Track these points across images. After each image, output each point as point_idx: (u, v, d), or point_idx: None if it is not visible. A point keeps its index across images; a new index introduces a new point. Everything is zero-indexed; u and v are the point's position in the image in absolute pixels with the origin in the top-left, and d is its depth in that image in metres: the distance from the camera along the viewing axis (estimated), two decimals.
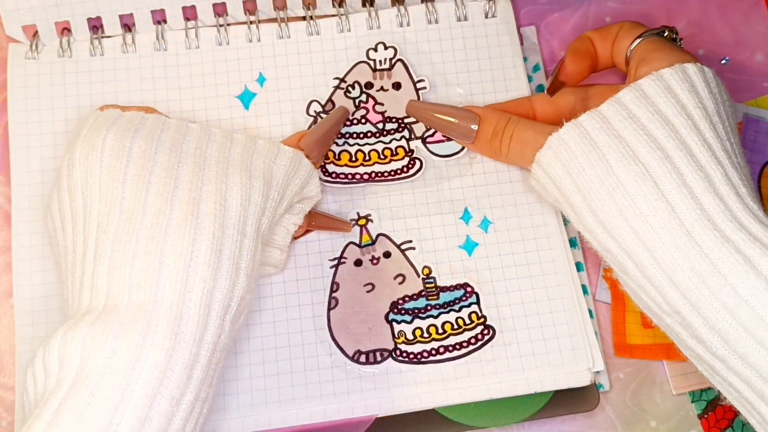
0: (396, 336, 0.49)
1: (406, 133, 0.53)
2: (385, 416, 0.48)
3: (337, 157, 0.52)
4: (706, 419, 0.50)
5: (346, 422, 0.48)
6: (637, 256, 0.41)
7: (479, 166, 0.52)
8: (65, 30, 0.53)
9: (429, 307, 0.49)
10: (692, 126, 0.42)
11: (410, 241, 0.51)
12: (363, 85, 0.54)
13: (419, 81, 0.54)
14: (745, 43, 0.57)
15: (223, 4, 0.54)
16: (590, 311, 0.50)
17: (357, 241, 0.51)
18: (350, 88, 0.54)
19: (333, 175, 0.52)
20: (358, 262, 0.50)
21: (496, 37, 0.55)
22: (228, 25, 0.54)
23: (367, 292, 0.50)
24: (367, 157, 0.52)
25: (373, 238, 0.51)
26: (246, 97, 0.53)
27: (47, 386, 0.37)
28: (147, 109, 0.47)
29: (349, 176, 0.52)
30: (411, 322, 0.49)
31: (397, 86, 0.54)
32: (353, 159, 0.52)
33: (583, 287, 0.51)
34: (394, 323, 0.49)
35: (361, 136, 0.53)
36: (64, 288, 0.42)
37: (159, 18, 0.54)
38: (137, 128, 0.43)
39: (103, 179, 0.41)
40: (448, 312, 0.49)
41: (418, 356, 0.48)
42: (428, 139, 0.53)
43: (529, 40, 0.56)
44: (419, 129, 0.53)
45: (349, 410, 0.47)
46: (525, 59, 0.55)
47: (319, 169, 0.51)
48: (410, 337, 0.49)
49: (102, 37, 0.53)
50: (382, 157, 0.52)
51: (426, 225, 0.51)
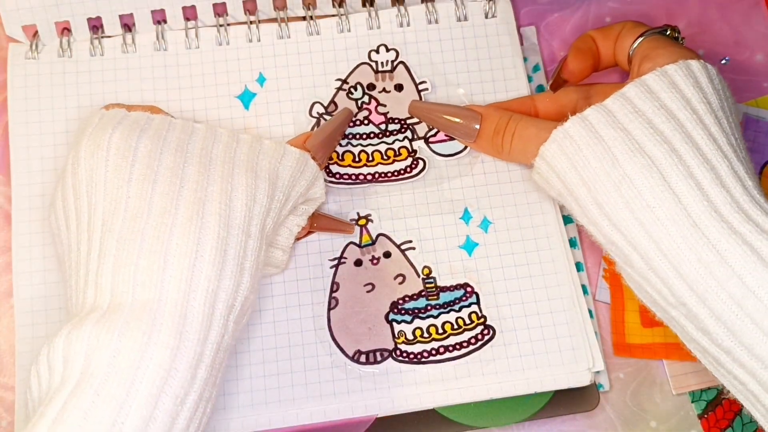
0: (396, 336, 0.49)
1: (408, 133, 0.53)
2: (385, 416, 0.48)
3: (340, 157, 0.52)
4: (706, 419, 0.50)
5: (346, 422, 0.48)
6: (642, 248, 0.41)
7: (479, 167, 0.52)
8: (65, 30, 0.53)
9: (429, 307, 0.49)
10: (697, 120, 0.42)
11: (410, 241, 0.51)
12: (365, 86, 0.54)
13: (421, 83, 0.54)
14: (745, 43, 0.57)
15: (223, 4, 0.54)
16: (590, 311, 0.50)
17: (357, 241, 0.51)
18: (352, 90, 0.54)
19: (337, 176, 0.52)
20: (358, 262, 0.50)
21: (496, 37, 0.55)
22: (228, 25, 0.54)
23: (367, 292, 0.50)
24: (371, 158, 0.52)
25: (373, 238, 0.51)
26: (246, 97, 0.53)
27: (51, 384, 0.37)
28: (152, 108, 0.47)
29: (353, 177, 0.52)
30: (411, 322, 0.49)
31: (399, 88, 0.54)
32: (356, 159, 0.52)
33: (583, 287, 0.51)
34: (394, 323, 0.49)
35: (364, 137, 0.53)
36: (67, 286, 0.42)
37: (159, 18, 0.54)
38: (143, 128, 0.43)
39: (109, 178, 0.41)
40: (448, 312, 0.49)
41: (418, 356, 0.48)
42: (431, 139, 0.53)
43: (529, 40, 0.56)
44: (422, 129, 0.53)
45: (349, 410, 0.47)
46: (525, 59, 0.55)
47: (323, 171, 0.51)
48: (410, 337, 0.49)
49: (102, 37, 0.53)
50: (385, 157, 0.52)
51: (426, 225, 0.51)
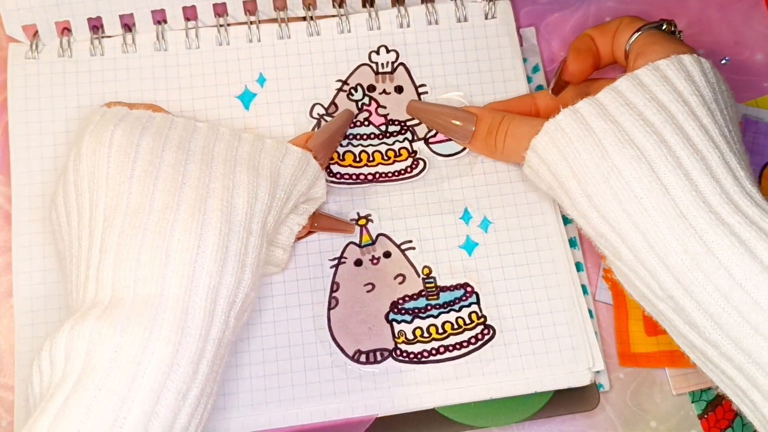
0: (396, 336, 0.49)
1: (408, 135, 0.53)
2: (385, 416, 0.48)
3: (341, 157, 0.52)
4: (706, 419, 0.50)
5: (346, 422, 0.48)
6: (630, 240, 0.41)
7: (479, 167, 0.52)
8: (65, 30, 0.53)
9: (429, 307, 0.49)
10: (689, 112, 0.42)
11: (410, 241, 0.51)
12: (365, 87, 0.54)
13: (421, 85, 0.54)
14: (745, 43, 0.57)
15: (224, 4, 0.54)
16: (590, 311, 0.50)
17: (357, 241, 0.51)
18: (353, 91, 0.54)
19: (337, 176, 0.52)
20: (358, 262, 0.50)
21: (496, 38, 0.55)
22: (228, 25, 0.54)
23: (367, 292, 0.50)
24: (371, 158, 0.52)
25: (373, 238, 0.51)
26: (246, 98, 0.53)
27: (53, 379, 0.37)
28: (153, 107, 0.47)
29: (354, 176, 0.52)
30: (411, 321, 0.49)
31: (399, 89, 0.54)
32: (357, 159, 0.52)
33: (583, 287, 0.51)
34: (394, 323, 0.49)
35: (365, 137, 0.53)
36: (68, 281, 0.42)
37: (159, 18, 0.54)
38: (145, 125, 0.43)
39: (111, 174, 0.41)
40: (448, 312, 0.49)
41: (419, 356, 0.48)
42: (431, 140, 0.53)
43: (528, 41, 0.56)
44: (422, 131, 0.53)
45: (349, 410, 0.47)
46: (525, 60, 0.55)
47: (325, 170, 0.51)
48: (410, 336, 0.49)
49: (102, 37, 0.53)
50: (385, 158, 0.52)
51: (426, 225, 0.51)
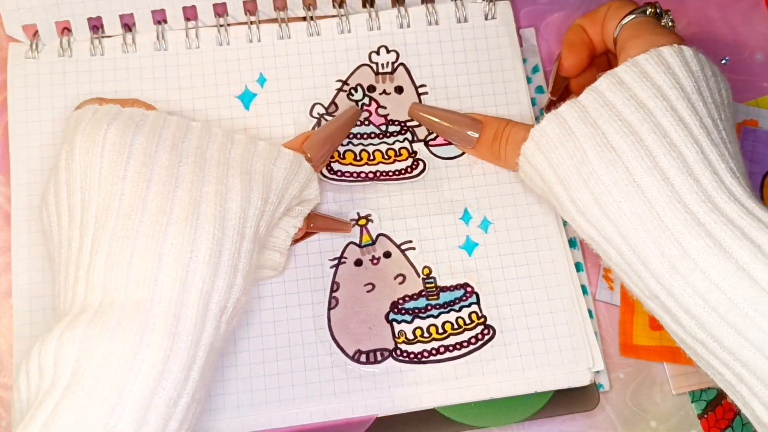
0: (396, 336, 0.49)
1: (409, 135, 0.53)
2: (385, 416, 0.48)
3: (341, 156, 0.52)
4: (706, 419, 0.50)
5: (346, 422, 0.48)
6: (615, 243, 0.41)
7: (479, 167, 0.52)
8: (65, 30, 0.53)
9: (429, 307, 0.49)
10: (667, 107, 0.41)
11: (410, 241, 0.51)
12: (365, 88, 0.54)
13: (421, 86, 0.54)
14: (745, 43, 0.57)
15: (224, 4, 0.54)
16: (590, 311, 0.50)
17: (357, 241, 0.51)
18: (353, 91, 0.54)
19: (338, 174, 0.52)
20: (358, 262, 0.50)
21: (496, 38, 0.55)
22: (228, 25, 0.54)
23: (368, 292, 0.50)
24: (372, 157, 0.52)
25: (374, 238, 0.51)
26: (246, 98, 0.53)
27: (41, 386, 0.37)
28: (135, 102, 0.46)
29: (354, 174, 0.52)
30: (411, 321, 0.49)
31: (399, 90, 0.54)
32: (358, 158, 0.52)
33: (583, 287, 0.51)
34: (394, 323, 0.49)
35: (365, 137, 0.53)
36: (56, 282, 0.42)
37: (159, 18, 0.54)
38: (138, 124, 0.42)
39: (103, 174, 0.41)
40: (448, 312, 0.49)
41: (419, 356, 0.48)
42: (431, 142, 0.53)
43: (528, 41, 0.56)
44: (422, 132, 0.53)
45: (349, 410, 0.47)
46: (524, 60, 0.55)
47: (324, 168, 0.51)
48: (410, 336, 0.49)
49: (102, 37, 0.53)
50: (386, 157, 0.52)
51: (426, 225, 0.51)
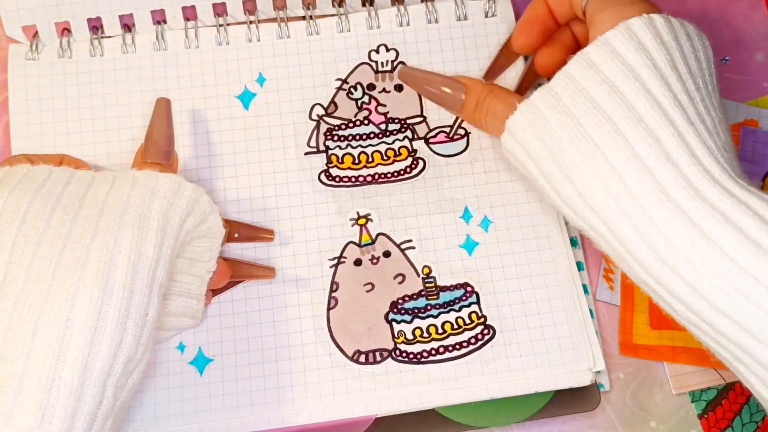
0: (396, 336, 0.49)
1: (409, 133, 0.53)
2: (385, 416, 0.48)
3: (340, 160, 0.52)
4: (706, 419, 0.50)
5: (346, 422, 0.48)
6: (603, 234, 0.41)
7: (480, 165, 0.52)
8: (65, 30, 0.53)
9: (429, 307, 0.49)
10: (640, 88, 0.40)
11: (410, 241, 0.51)
12: (365, 86, 0.54)
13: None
14: (745, 43, 0.57)
15: (223, 4, 0.54)
16: (591, 311, 0.50)
17: (357, 241, 0.51)
18: (352, 90, 0.54)
19: (336, 179, 0.52)
20: (357, 262, 0.50)
21: (496, 36, 0.55)
22: (228, 25, 0.54)
23: (367, 291, 0.50)
24: (371, 159, 0.52)
25: (373, 237, 0.51)
26: (246, 98, 0.53)
27: None
28: (64, 158, 0.45)
29: (353, 179, 0.52)
30: (411, 321, 0.49)
31: (399, 88, 0.54)
32: (356, 161, 0.52)
33: (584, 287, 0.51)
34: (393, 323, 0.49)
35: (364, 137, 0.53)
36: None
37: (159, 18, 0.54)
38: (40, 185, 0.41)
39: None
40: (448, 312, 0.49)
41: (418, 356, 0.48)
42: (431, 140, 0.53)
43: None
44: (422, 130, 0.53)
45: (349, 410, 0.47)
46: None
47: (323, 174, 0.51)
48: (410, 336, 0.49)
49: (102, 38, 0.53)
50: (385, 158, 0.52)
51: (426, 224, 0.51)
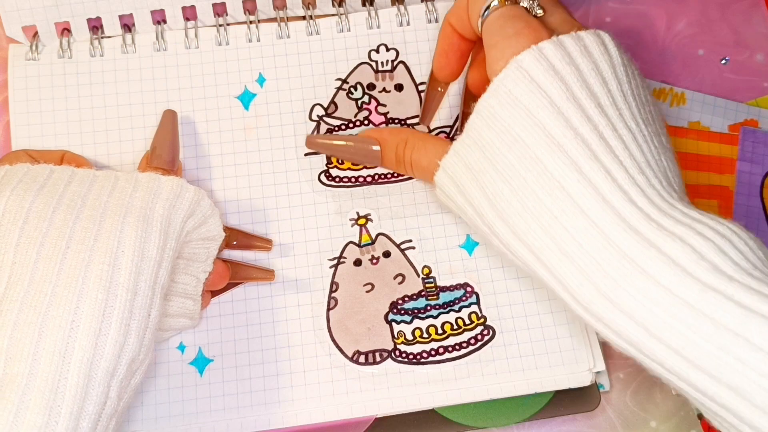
0: (395, 336, 0.49)
1: None
2: (385, 416, 0.48)
3: (340, 161, 0.52)
4: (706, 419, 0.50)
5: (345, 423, 0.48)
6: (537, 271, 0.41)
7: None
8: (65, 30, 0.53)
9: (429, 307, 0.49)
10: (541, 132, 0.39)
11: (410, 241, 0.51)
12: (365, 86, 0.54)
13: (421, 84, 0.54)
14: (745, 43, 0.57)
15: (223, 4, 0.54)
16: None
17: (356, 241, 0.51)
18: (352, 89, 0.54)
19: (336, 180, 0.52)
20: (357, 262, 0.50)
21: None
22: (228, 25, 0.54)
23: (367, 292, 0.50)
24: None
25: (373, 237, 0.51)
26: (246, 98, 0.53)
27: None
28: (65, 155, 0.44)
29: (353, 179, 0.52)
30: (410, 322, 0.49)
31: (399, 88, 0.54)
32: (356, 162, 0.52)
33: None
34: (393, 323, 0.49)
35: None
36: None
37: (159, 18, 0.54)
38: (42, 185, 0.41)
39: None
40: (447, 312, 0.49)
41: (418, 357, 0.48)
42: None
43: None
44: (422, 130, 0.53)
45: (348, 411, 0.47)
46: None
47: (323, 174, 0.51)
48: (410, 337, 0.49)
49: (102, 38, 0.53)
50: None
51: (426, 224, 0.51)
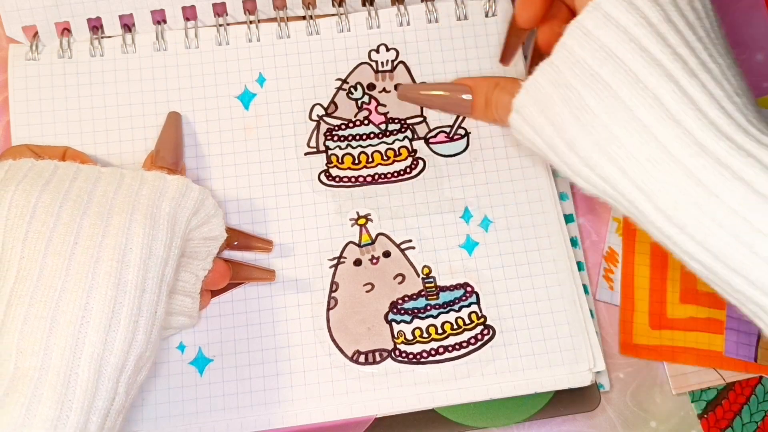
0: (395, 336, 0.49)
1: (408, 133, 0.53)
2: (385, 416, 0.48)
3: (340, 161, 0.52)
4: (706, 419, 0.50)
5: (345, 423, 0.48)
6: (614, 197, 0.41)
7: (480, 165, 0.52)
8: (65, 30, 0.53)
9: (429, 307, 0.49)
10: (636, 48, 0.39)
11: (410, 241, 0.51)
12: (365, 86, 0.54)
13: (421, 83, 0.54)
14: (745, 43, 0.57)
15: (223, 4, 0.54)
16: (591, 311, 0.50)
17: (356, 241, 0.51)
18: (352, 89, 0.54)
19: (336, 179, 0.52)
20: (357, 262, 0.50)
21: (496, 36, 0.55)
22: (228, 25, 0.54)
23: (367, 292, 0.50)
24: (371, 159, 0.52)
25: (373, 237, 0.51)
26: (246, 98, 0.53)
27: None
28: (67, 151, 0.44)
29: (353, 179, 0.52)
30: (410, 322, 0.49)
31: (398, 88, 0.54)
32: (356, 162, 0.52)
33: (584, 287, 0.51)
34: (393, 323, 0.49)
35: (364, 137, 0.53)
36: None
37: (159, 18, 0.54)
38: (47, 180, 0.41)
39: (6, 238, 0.39)
40: (447, 312, 0.49)
41: (418, 356, 0.48)
42: (431, 140, 0.53)
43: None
44: (422, 130, 0.53)
45: (348, 410, 0.47)
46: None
47: (323, 174, 0.51)
48: (409, 337, 0.49)
49: (102, 38, 0.53)
50: (385, 158, 0.52)
51: (426, 224, 0.51)
